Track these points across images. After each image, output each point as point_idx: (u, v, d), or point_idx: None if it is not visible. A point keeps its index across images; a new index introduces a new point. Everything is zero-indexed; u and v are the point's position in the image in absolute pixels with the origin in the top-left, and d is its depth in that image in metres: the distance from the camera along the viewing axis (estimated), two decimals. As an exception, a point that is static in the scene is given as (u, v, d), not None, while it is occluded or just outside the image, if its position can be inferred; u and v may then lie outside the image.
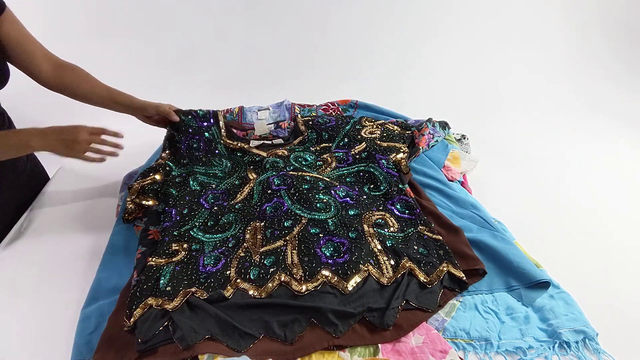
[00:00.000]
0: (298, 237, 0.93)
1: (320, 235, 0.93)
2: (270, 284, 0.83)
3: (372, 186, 1.11)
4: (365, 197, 1.07)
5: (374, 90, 1.90)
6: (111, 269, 0.93)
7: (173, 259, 0.89)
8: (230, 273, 0.86)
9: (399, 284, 0.84)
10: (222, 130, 1.26)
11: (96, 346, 0.75)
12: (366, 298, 0.82)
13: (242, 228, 0.97)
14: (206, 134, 1.23)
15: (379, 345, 0.76)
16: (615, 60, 2.16)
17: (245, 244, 0.93)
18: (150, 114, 1.14)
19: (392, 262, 0.89)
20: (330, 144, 1.26)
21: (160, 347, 0.74)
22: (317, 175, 1.10)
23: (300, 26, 2.02)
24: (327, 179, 1.10)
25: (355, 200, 1.04)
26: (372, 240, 0.94)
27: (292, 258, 0.88)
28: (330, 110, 1.47)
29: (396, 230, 0.97)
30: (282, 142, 1.32)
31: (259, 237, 0.94)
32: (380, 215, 1.01)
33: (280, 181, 1.07)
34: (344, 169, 1.16)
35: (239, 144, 1.25)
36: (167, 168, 1.13)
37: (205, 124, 1.24)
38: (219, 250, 0.92)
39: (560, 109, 1.89)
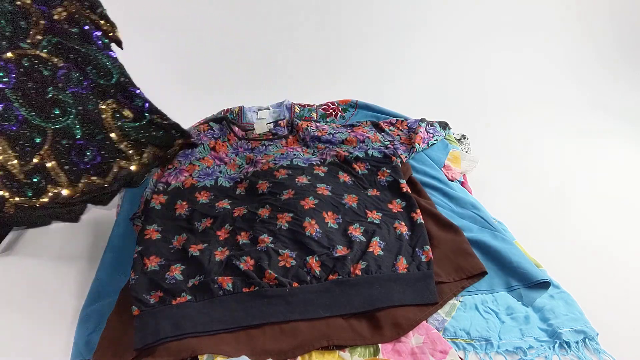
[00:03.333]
0: (53, 150, 0.94)
1: (71, 143, 0.96)
2: (45, 199, 0.93)
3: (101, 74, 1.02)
4: (94, 85, 1.01)
5: (374, 90, 1.90)
6: (111, 269, 0.93)
7: None
8: (4, 194, 0.91)
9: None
10: None
11: (96, 346, 0.75)
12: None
13: None
14: None
15: (379, 345, 0.76)
16: (620, 59, 2.15)
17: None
18: None
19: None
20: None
21: (159, 346, 0.74)
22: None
23: (301, 26, 2.02)
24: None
25: (86, 88, 0.99)
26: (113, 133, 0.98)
27: (55, 172, 0.94)
28: (330, 110, 1.47)
29: (131, 120, 1.01)
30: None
31: (10, 152, 0.93)
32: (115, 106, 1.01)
33: None
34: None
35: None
36: None
37: None
38: None
39: (562, 109, 1.88)
